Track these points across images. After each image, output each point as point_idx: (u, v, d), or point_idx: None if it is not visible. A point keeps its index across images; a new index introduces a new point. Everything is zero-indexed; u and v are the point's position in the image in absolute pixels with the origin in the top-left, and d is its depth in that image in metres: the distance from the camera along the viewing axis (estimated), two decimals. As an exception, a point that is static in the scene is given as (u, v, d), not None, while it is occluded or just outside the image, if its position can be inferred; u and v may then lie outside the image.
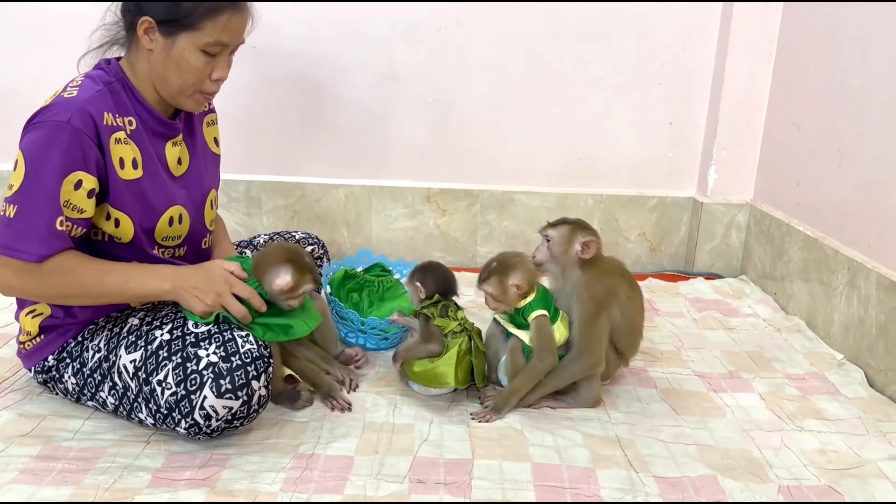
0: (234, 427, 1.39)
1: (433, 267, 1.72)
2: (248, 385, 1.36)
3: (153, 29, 1.40)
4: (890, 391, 1.72)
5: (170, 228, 1.51)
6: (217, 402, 1.34)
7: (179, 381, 1.36)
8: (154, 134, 1.49)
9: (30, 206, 1.33)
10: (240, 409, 1.36)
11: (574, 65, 2.51)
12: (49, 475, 1.31)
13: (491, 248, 2.57)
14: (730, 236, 2.57)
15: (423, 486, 1.32)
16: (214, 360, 1.36)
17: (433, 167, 2.59)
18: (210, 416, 1.35)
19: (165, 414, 1.37)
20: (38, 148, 1.33)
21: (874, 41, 1.89)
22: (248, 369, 1.36)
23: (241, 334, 1.42)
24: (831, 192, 2.07)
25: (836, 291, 1.97)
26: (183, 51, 1.40)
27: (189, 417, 1.35)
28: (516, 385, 1.56)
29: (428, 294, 1.65)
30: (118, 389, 1.43)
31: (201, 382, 1.34)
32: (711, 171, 2.54)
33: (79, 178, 1.34)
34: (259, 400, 1.39)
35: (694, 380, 1.77)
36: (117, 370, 1.42)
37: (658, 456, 1.44)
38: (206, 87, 1.46)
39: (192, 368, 1.36)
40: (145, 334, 1.43)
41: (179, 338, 1.41)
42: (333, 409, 1.56)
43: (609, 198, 2.62)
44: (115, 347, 1.43)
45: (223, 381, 1.34)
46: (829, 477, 1.39)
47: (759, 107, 2.47)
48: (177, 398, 1.35)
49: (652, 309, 2.22)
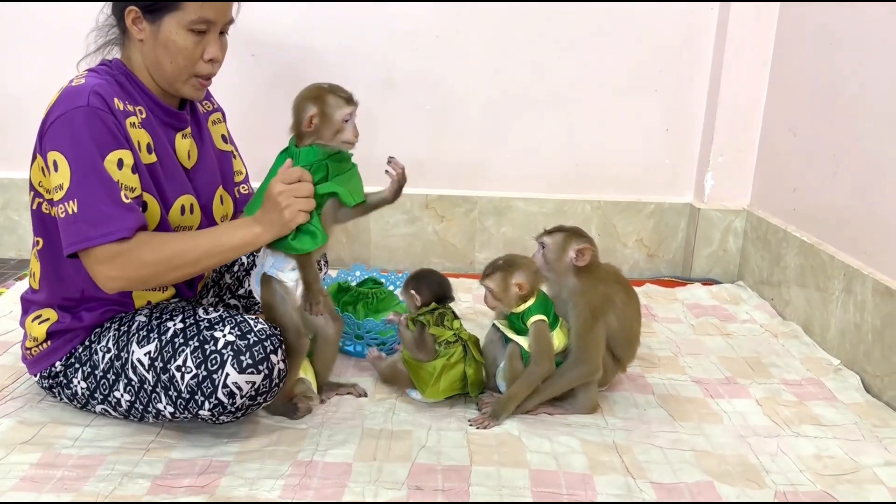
0: (258, 404, 1.41)
1: (427, 274, 1.72)
2: (268, 359, 1.38)
3: (140, 18, 1.42)
4: (886, 396, 1.73)
5: (181, 217, 1.52)
6: (240, 378, 1.36)
7: (199, 362, 1.37)
8: (163, 124, 1.50)
9: (90, 194, 1.32)
10: (262, 383, 1.38)
11: (571, 72, 2.52)
12: (49, 483, 1.32)
13: (489, 254, 2.58)
14: (727, 242, 2.58)
15: (421, 492, 1.33)
16: (231, 339, 1.38)
17: (431, 174, 2.60)
18: (234, 393, 1.36)
19: (187, 399, 1.38)
20: (69, 139, 1.33)
21: (869, 48, 1.90)
22: (265, 344, 1.39)
23: (251, 317, 1.44)
24: (827, 198, 2.08)
25: (833, 297, 1.98)
26: (170, 33, 1.41)
27: (213, 398, 1.36)
28: (514, 391, 1.57)
29: (424, 301, 1.66)
30: (134, 385, 1.43)
31: (222, 361, 1.36)
32: (708, 177, 2.55)
33: (118, 156, 1.35)
34: (279, 374, 1.41)
35: (691, 385, 1.78)
36: (131, 365, 1.43)
37: (655, 462, 1.45)
38: (199, 69, 1.46)
39: (211, 349, 1.37)
40: (157, 327, 1.44)
41: (193, 325, 1.42)
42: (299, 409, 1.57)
43: (606, 204, 2.62)
44: (126, 344, 1.44)
45: (243, 357, 1.36)
46: (825, 482, 1.39)
47: (755, 113, 2.48)
48: (198, 380, 1.37)
49: (649, 315, 2.23)
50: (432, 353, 1.60)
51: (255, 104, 2.48)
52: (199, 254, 1.40)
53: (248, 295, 1.85)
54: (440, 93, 2.53)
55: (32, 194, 1.46)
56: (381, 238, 2.62)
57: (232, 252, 1.43)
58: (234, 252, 1.43)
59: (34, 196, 1.46)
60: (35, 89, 2.38)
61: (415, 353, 1.62)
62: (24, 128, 2.40)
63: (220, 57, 1.49)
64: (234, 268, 1.84)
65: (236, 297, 1.84)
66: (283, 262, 1.49)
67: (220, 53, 1.48)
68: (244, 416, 1.42)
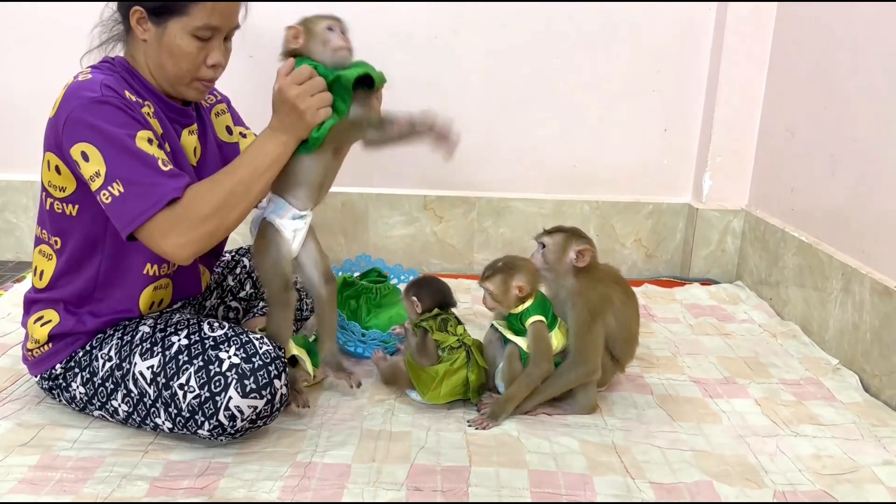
0: (257, 426, 1.41)
1: (428, 281, 1.72)
2: (271, 384, 1.38)
3: (145, 19, 1.41)
4: (885, 396, 1.73)
5: None
6: (242, 402, 1.36)
7: (203, 383, 1.37)
8: (169, 120, 1.49)
9: (131, 172, 1.30)
10: (264, 407, 1.38)
11: (569, 72, 2.53)
12: (47, 485, 1.32)
13: (487, 255, 2.58)
14: (725, 242, 2.58)
15: (420, 493, 1.33)
16: (237, 362, 1.37)
17: (430, 175, 2.60)
18: (235, 416, 1.36)
19: (187, 417, 1.38)
20: (93, 128, 1.31)
21: (867, 48, 1.91)
22: (270, 369, 1.39)
23: (257, 337, 1.43)
24: (825, 198, 2.09)
25: (831, 297, 1.98)
26: (174, 37, 1.40)
27: (213, 419, 1.37)
28: (513, 392, 1.57)
29: (425, 308, 1.65)
30: (133, 397, 1.43)
31: (226, 384, 1.36)
32: (706, 177, 2.56)
33: (146, 136, 1.34)
34: (281, 398, 1.41)
35: (690, 386, 1.78)
36: (132, 377, 1.42)
37: (654, 462, 1.45)
38: (202, 73, 1.46)
39: (216, 370, 1.37)
40: (160, 340, 1.43)
41: (198, 342, 1.42)
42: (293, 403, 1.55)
43: (605, 204, 2.63)
44: (129, 355, 1.44)
45: (247, 382, 1.36)
46: (824, 482, 1.39)
47: (753, 113, 2.48)
48: (200, 401, 1.37)
49: (648, 315, 2.23)
50: (434, 358, 1.60)
51: (253, 106, 2.47)
52: (247, 183, 1.37)
53: (250, 297, 1.85)
54: (438, 94, 2.53)
55: (44, 195, 1.45)
56: (379, 239, 2.62)
57: (273, 167, 1.40)
58: (275, 166, 1.40)
59: (46, 196, 1.45)
60: (31, 92, 2.39)
61: (417, 359, 1.62)
62: (22, 130, 2.41)
63: (224, 62, 1.49)
64: (237, 270, 1.84)
65: (237, 299, 1.84)
66: (283, 208, 1.49)
67: (224, 59, 1.48)
68: (242, 437, 1.42)
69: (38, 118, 1.38)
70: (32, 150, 2.52)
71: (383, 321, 1.93)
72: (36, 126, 1.38)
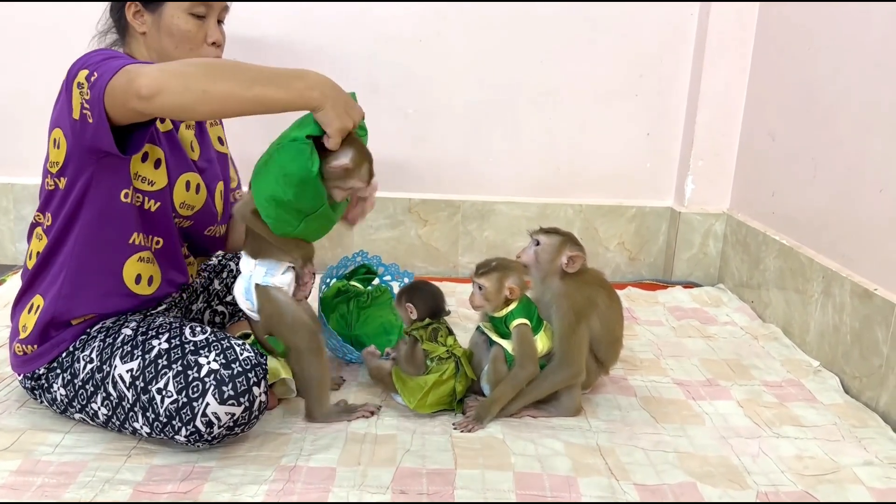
0: (235, 434, 1.40)
1: (422, 287, 1.69)
2: (250, 391, 1.37)
3: (141, 11, 1.46)
4: (865, 397, 1.75)
5: (186, 193, 1.52)
6: (220, 409, 1.35)
7: (181, 388, 1.36)
8: None
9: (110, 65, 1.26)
10: (241, 415, 1.37)
11: (553, 76, 2.54)
12: (29, 490, 1.30)
13: (472, 258, 2.59)
14: (707, 245, 2.60)
15: (405, 496, 1.32)
16: (216, 368, 1.36)
17: (414, 178, 2.60)
18: (212, 422, 1.35)
19: (164, 422, 1.37)
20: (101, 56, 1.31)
21: (848, 53, 1.93)
22: (249, 376, 1.37)
23: (238, 343, 1.42)
24: (806, 201, 2.11)
25: (812, 299, 2.00)
26: (171, 18, 1.46)
27: (190, 425, 1.35)
28: (498, 394, 1.57)
29: (420, 316, 1.63)
30: (112, 400, 1.42)
31: (203, 390, 1.35)
32: (689, 181, 2.58)
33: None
34: (259, 405, 1.40)
35: (673, 388, 1.79)
36: (112, 380, 1.41)
37: (638, 463, 1.46)
38: (205, 52, 1.51)
39: (194, 376, 1.36)
40: (141, 344, 1.42)
41: (178, 346, 1.40)
42: None
43: (588, 208, 2.64)
44: (109, 358, 1.42)
45: (225, 388, 1.35)
46: (806, 483, 1.41)
47: (734, 118, 2.51)
48: (178, 406, 1.35)
49: (631, 317, 2.25)
50: (422, 368, 1.59)
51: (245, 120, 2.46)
52: (254, 73, 1.28)
53: (236, 302, 1.83)
54: (423, 96, 2.54)
55: (44, 181, 1.45)
56: (363, 242, 2.62)
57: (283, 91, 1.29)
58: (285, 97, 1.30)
59: (44, 180, 1.45)
60: (9, 94, 2.37)
61: (405, 367, 1.61)
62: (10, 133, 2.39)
63: (222, 42, 1.53)
64: (224, 274, 1.83)
65: (224, 303, 1.83)
66: (275, 267, 1.48)
67: (222, 38, 1.53)
68: (220, 444, 1.41)
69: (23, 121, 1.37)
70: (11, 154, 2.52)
71: (374, 328, 1.91)
72: (16, 129, 1.37)
